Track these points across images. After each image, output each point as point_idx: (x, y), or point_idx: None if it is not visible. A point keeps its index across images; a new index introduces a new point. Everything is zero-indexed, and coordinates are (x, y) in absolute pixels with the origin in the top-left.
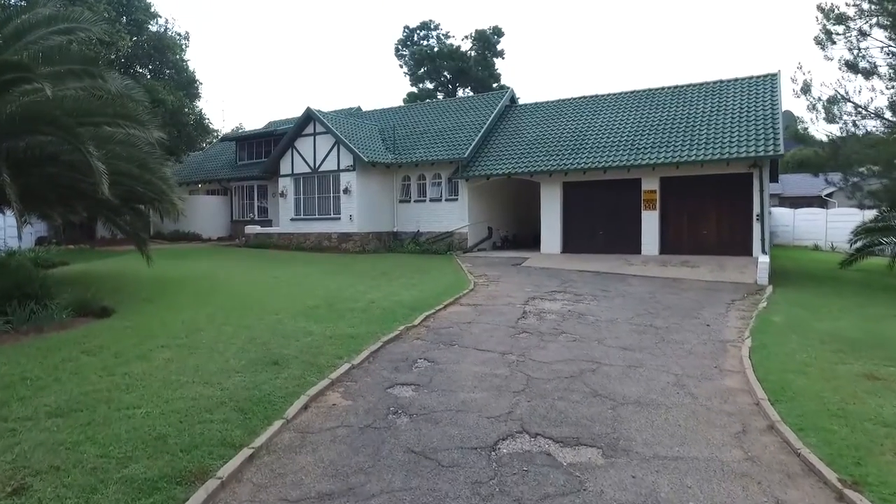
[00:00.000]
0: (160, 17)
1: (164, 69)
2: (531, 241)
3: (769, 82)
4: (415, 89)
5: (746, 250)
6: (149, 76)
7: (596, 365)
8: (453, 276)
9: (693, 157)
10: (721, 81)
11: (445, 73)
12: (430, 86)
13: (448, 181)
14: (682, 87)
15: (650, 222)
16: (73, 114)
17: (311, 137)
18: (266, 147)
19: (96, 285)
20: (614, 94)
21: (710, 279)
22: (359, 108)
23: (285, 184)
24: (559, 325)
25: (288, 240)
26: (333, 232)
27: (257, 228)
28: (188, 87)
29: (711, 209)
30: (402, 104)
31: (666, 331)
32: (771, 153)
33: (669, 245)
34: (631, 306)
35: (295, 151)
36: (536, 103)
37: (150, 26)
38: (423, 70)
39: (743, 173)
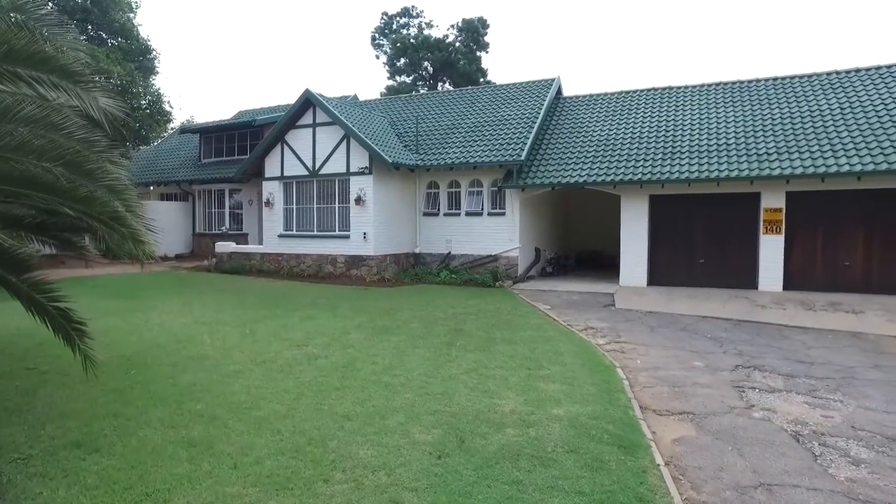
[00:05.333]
0: None
1: (107, 32)
2: (584, 264)
3: None
4: (393, 82)
5: None
6: (84, 38)
7: None
8: (553, 331)
9: (846, 168)
10: (840, 72)
11: (427, 66)
12: (408, 79)
13: (496, 190)
14: (782, 79)
15: (773, 249)
16: None
17: (310, 130)
18: (240, 142)
19: None
20: (695, 87)
21: None
22: (355, 97)
23: (272, 189)
24: None
25: (276, 263)
26: (340, 254)
27: (232, 246)
28: (140, 57)
29: (856, 234)
30: (414, 94)
31: None
32: None
33: (795, 278)
34: None
35: (286, 147)
36: (593, 95)
37: None
38: (402, 61)
39: None
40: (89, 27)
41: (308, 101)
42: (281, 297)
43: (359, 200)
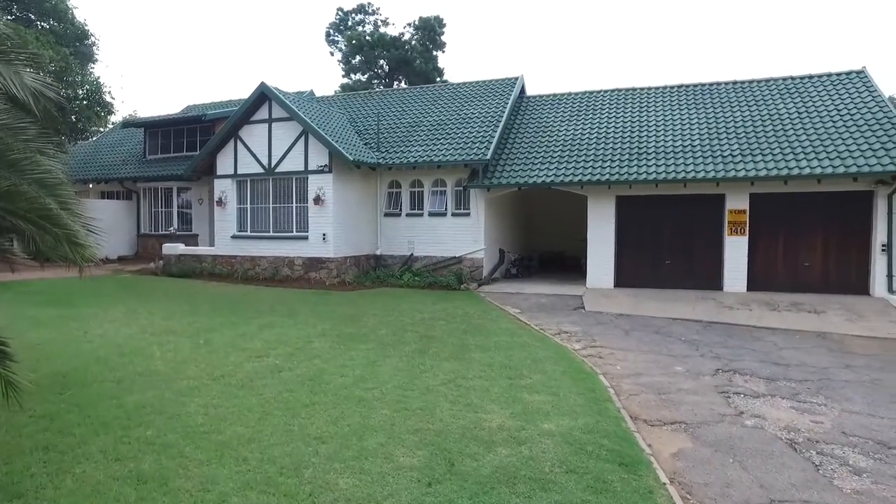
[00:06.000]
0: None
1: (37, 14)
2: (547, 266)
3: (860, 81)
4: (348, 80)
5: (861, 288)
6: (10, 19)
7: None
8: (527, 336)
9: (808, 171)
10: (794, 78)
11: (383, 64)
12: (363, 77)
13: (461, 190)
14: (741, 83)
15: (737, 250)
16: None
17: (265, 125)
18: (189, 137)
19: None
20: (658, 88)
21: (868, 335)
22: (311, 93)
23: (225, 188)
24: None
25: (229, 265)
26: (297, 256)
27: (181, 247)
28: (76, 43)
29: (815, 236)
30: (374, 91)
31: None
32: None
33: (758, 279)
34: None
35: (240, 144)
36: (557, 95)
37: None
38: (358, 59)
39: (861, 192)
40: (14, 6)
41: (263, 96)
42: (236, 303)
43: (318, 200)
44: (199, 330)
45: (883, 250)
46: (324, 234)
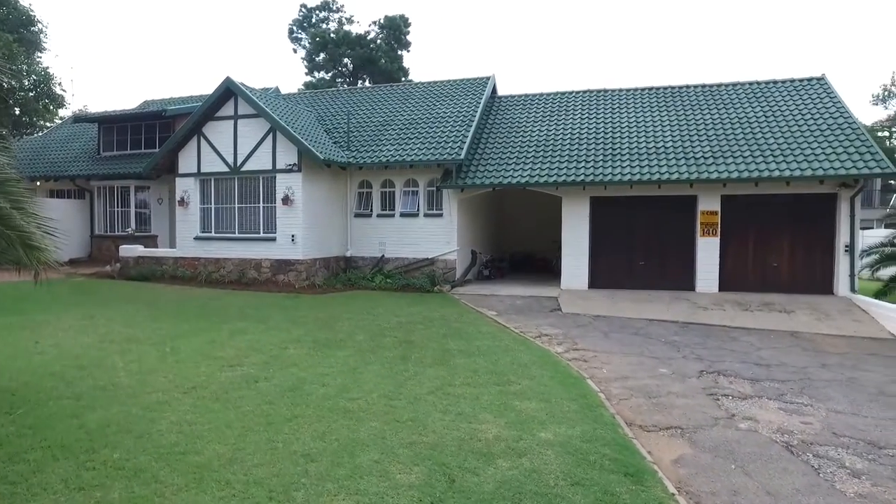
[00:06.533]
0: None
1: None
2: (518, 267)
3: (820, 87)
4: (311, 78)
5: (826, 288)
6: None
7: None
8: (508, 340)
9: (777, 173)
10: (760, 83)
11: (348, 62)
12: (327, 76)
13: (434, 190)
14: (710, 86)
15: (709, 251)
16: None
17: (231, 122)
18: (148, 134)
19: None
20: (629, 90)
21: (835, 333)
22: (277, 90)
23: (187, 187)
24: None
25: (192, 268)
26: (265, 258)
27: (140, 249)
28: (21, 29)
29: (783, 237)
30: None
31: None
32: (877, 170)
33: (730, 280)
34: None
35: (203, 141)
36: (529, 95)
37: None
38: (322, 56)
39: (825, 194)
40: None
41: (229, 91)
42: (203, 308)
43: (286, 200)
44: (165, 337)
45: (846, 251)
46: (292, 236)
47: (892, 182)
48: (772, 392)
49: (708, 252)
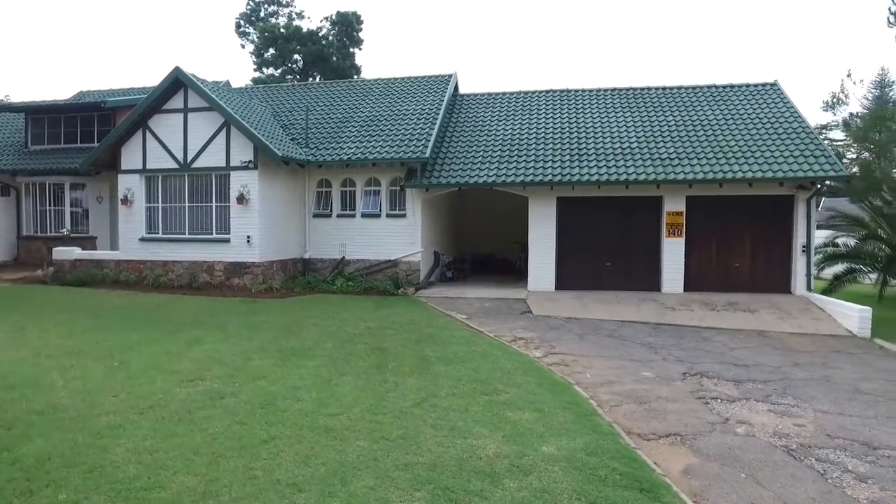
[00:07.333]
0: None
1: None
2: (479, 268)
3: (774, 92)
4: (260, 74)
5: (784, 287)
6: None
7: None
8: (484, 344)
9: (740, 174)
10: (717, 86)
11: (298, 59)
12: (276, 72)
13: (397, 190)
14: (671, 89)
15: (674, 252)
16: None
17: (181, 115)
18: (84, 126)
19: None
20: (592, 90)
21: (799, 332)
22: (228, 84)
23: (131, 184)
24: None
25: (137, 271)
26: (218, 260)
27: (77, 252)
28: None
29: (744, 238)
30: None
31: None
32: (831, 173)
33: (694, 280)
34: None
35: (149, 135)
36: (492, 94)
37: None
38: (271, 52)
39: (783, 196)
40: None
41: (178, 82)
42: (152, 315)
43: (241, 199)
44: (112, 349)
45: (803, 251)
46: (248, 237)
47: (832, 184)
48: (757, 393)
49: (673, 253)
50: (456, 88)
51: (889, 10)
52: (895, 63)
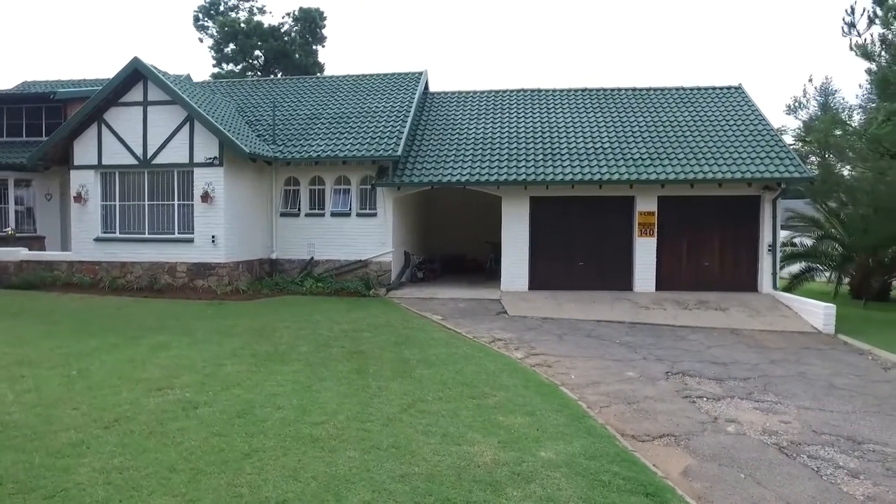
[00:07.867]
0: None
1: None
2: (449, 268)
3: (739, 95)
4: (219, 70)
5: (752, 285)
6: None
7: None
8: (464, 346)
9: (711, 175)
10: (685, 88)
11: (259, 55)
12: (236, 68)
13: (368, 188)
14: (640, 90)
15: (646, 251)
16: None
17: (140, 108)
18: (31, 119)
19: None
20: (563, 91)
21: (769, 329)
22: (189, 77)
23: (86, 181)
24: None
25: (92, 273)
26: (181, 261)
27: (23, 253)
28: None
29: (713, 237)
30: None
31: None
32: (796, 174)
33: (665, 279)
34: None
35: (105, 129)
36: (463, 92)
37: None
38: (231, 47)
39: (750, 196)
40: None
41: (137, 73)
42: (111, 319)
43: (206, 197)
44: (68, 357)
45: (769, 250)
46: (213, 236)
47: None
48: (740, 391)
49: (645, 252)
50: (426, 86)
51: (843, 20)
52: (852, 69)
